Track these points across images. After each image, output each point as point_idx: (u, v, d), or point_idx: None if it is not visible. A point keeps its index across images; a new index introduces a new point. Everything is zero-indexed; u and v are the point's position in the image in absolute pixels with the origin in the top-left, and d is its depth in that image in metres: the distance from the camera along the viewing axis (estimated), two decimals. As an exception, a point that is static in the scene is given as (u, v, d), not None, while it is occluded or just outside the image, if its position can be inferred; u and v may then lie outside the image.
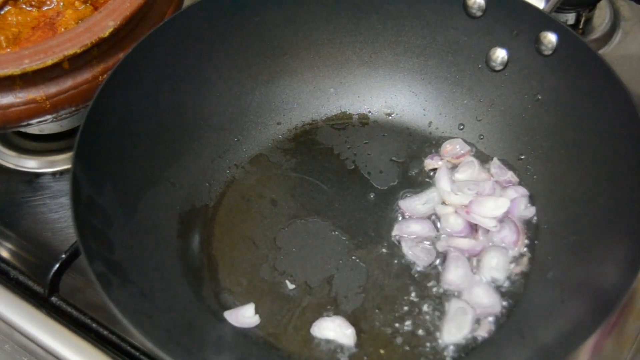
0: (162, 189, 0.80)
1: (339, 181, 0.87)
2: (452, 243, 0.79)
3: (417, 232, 0.80)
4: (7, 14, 0.88)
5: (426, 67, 0.90)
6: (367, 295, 0.77)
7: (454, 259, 0.78)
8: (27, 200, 0.91)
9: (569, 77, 0.80)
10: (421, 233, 0.80)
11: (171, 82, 0.82)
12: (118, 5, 0.82)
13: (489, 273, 0.77)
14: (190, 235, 0.81)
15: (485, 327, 0.74)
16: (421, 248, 0.79)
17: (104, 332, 0.77)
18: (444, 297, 0.77)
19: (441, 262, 0.79)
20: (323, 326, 0.74)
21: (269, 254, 0.81)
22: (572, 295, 0.71)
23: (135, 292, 0.70)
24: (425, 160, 0.87)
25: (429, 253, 0.79)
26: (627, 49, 1.05)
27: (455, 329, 0.74)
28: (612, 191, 0.74)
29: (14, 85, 0.78)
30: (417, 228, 0.81)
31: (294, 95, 0.91)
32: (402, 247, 0.80)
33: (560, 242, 0.77)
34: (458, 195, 0.82)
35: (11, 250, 0.86)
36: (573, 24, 1.04)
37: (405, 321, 0.75)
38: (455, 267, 0.77)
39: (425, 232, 0.80)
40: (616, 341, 0.78)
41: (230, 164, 0.87)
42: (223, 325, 0.75)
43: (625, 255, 0.68)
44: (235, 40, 0.86)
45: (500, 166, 0.85)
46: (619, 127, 0.75)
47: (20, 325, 0.76)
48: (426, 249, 0.79)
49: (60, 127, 0.94)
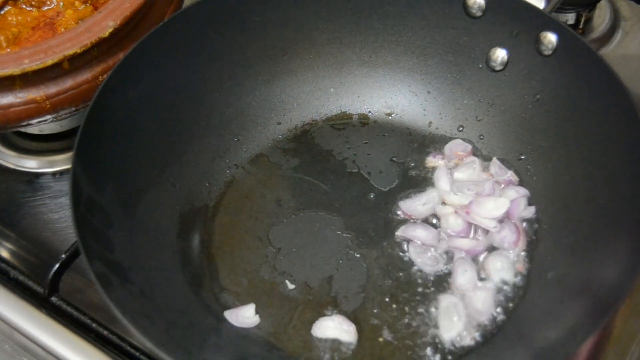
0: (162, 189, 0.80)
1: (339, 181, 0.87)
2: (452, 244, 0.79)
3: (422, 238, 0.80)
4: (7, 14, 0.88)
5: (426, 67, 0.90)
6: (367, 295, 0.77)
7: (461, 263, 0.78)
8: (27, 200, 0.91)
9: (569, 77, 0.80)
10: (425, 239, 0.80)
11: (171, 82, 0.82)
12: (118, 5, 0.82)
13: (497, 275, 0.77)
14: (190, 235, 0.81)
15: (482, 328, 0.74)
16: (430, 255, 0.79)
17: (104, 332, 0.77)
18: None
19: (443, 263, 0.79)
20: (323, 325, 0.74)
21: (269, 254, 0.81)
22: (572, 295, 0.71)
23: (135, 292, 0.70)
24: (427, 158, 0.87)
25: (437, 260, 0.79)
26: (627, 49, 1.05)
27: (450, 325, 0.74)
28: (612, 191, 0.74)
29: (14, 85, 0.78)
30: (422, 234, 0.80)
31: (294, 95, 0.91)
32: (411, 253, 0.79)
33: (560, 242, 0.77)
34: (458, 196, 0.82)
35: (11, 250, 0.86)
36: (573, 24, 1.04)
37: (406, 321, 0.75)
38: (463, 270, 0.77)
39: (429, 239, 0.80)
40: (616, 341, 0.78)
41: (230, 164, 0.87)
42: (223, 325, 0.75)
43: (625, 255, 0.68)
44: (235, 40, 0.86)
45: (501, 166, 0.85)
46: (619, 127, 0.75)
47: (20, 325, 0.76)
48: (434, 257, 0.79)
49: (60, 127, 0.94)
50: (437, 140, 0.89)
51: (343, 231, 0.82)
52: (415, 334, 0.74)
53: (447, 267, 0.79)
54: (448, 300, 0.76)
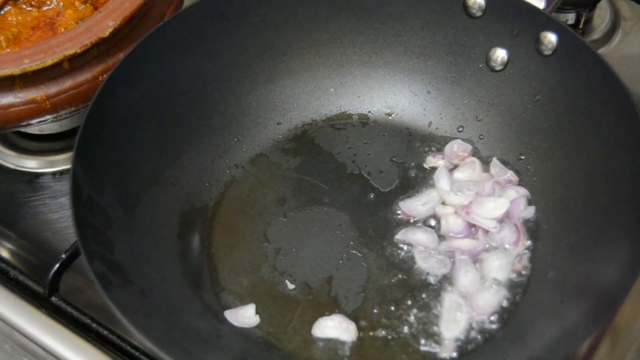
0: (162, 189, 0.80)
1: (339, 181, 0.87)
2: (453, 244, 0.79)
3: (422, 241, 0.80)
4: (7, 14, 0.88)
5: (426, 67, 0.90)
6: (367, 295, 0.77)
7: (463, 264, 0.78)
8: (27, 200, 0.91)
9: (569, 77, 0.80)
10: (425, 242, 0.80)
11: (171, 82, 0.82)
12: (118, 5, 0.82)
13: (498, 275, 0.77)
14: (190, 235, 0.81)
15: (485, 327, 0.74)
16: (435, 259, 0.79)
17: (104, 332, 0.77)
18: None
19: (449, 267, 0.79)
20: (323, 325, 0.74)
21: (269, 254, 0.81)
22: (572, 295, 0.71)
23: (135, 292, 0.70)
24: (427, 158, 0.87)
25: (444, 263, 0.78)
26: (627, 49, 1.05)
27: (452, 324, 0.74)
28: (612, 191, 0.74)
29: (14, 85, 0.78)
30: (422, 237, 0.80)
31: (294, 95, 0.91)
32: (417, 259, 0.79)
33: (560, 242, 0.77)
34: (458, 196, 0.82)
35: (11, 250, 0.86)
36: (573, 24, 1.04)
37: (406, 320, 0.75)
38: (465, 271, 0.77)
39: (429, 241, 0.80)
40: (616, 341, 0.78)
41: (230, 164, 0.87)
42: (223, 325, 0.75)
43: (625, 255, 0.68)
44: (235, 40, 0.86)
45: (501, 166, 0.85)
46: (619, 127, 0.75)
47: (20, 325, 0.76)
48: (440, 260, 0.79)
49: (60, 127, 0.94)
50: (437, 140, 0.89)
51: (343, 231, 0.82)
52: (417, 333, 0.74)
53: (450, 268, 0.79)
54: (451, 299, 0.76)
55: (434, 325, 0.75)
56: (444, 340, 0.74)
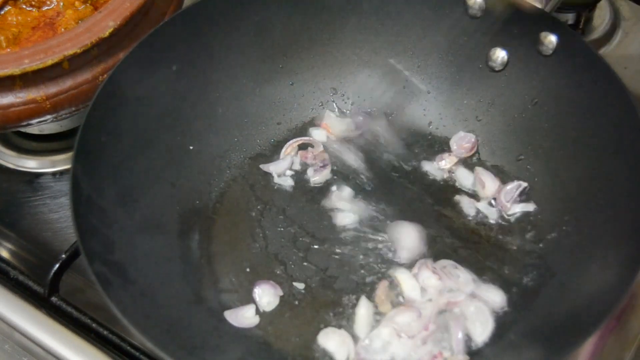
0: (162, 189, 0.80)
1: (339, 181, 0.86)
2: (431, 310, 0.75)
3: (405, 324, 0.74)
4: (7, 14, 0.88)
5: (426, 67, 0.90)
6: (368, 295, 0.77)
7: (454, 324, 0.74)
8: (27, 200, 0.91)
9: (569, 77, 0.80)
10: (409, 324, 0.74)
11: (171, 82, 0.82)
12: (118, 5, 0.82)
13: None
14: (190, 235, 0.81)
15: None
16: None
17: (104, 332, 0.77)
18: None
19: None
20: (330, 336, 0.74)
21: (269, 254, 0.80)
22: (572, 295, 0.71)
23: (135, 292, 0.70)
24: (438, 163, 0.87)
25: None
26: (627, 49, 1.05)
27: (481, 328, 0.74)
28: (612, 191, 0.74)
29: (14, 85, 0.78)
30: (405, 319, 0.75)
31: (294, 95, 0.91)
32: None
33: (561, 242, 0.77)
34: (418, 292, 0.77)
35: (11, 250, 0.86)
36: (573, 24, 1.04)
37: (407, 319, 0.75)
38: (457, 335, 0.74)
39: (413, 321, 0.75)
40: (617, 341, 0.78)
41: (230, 164, 0.87)
42: (223, 325, 0.75)
43: (625, 255, 0.68)
44: (235, 40, 0.86)
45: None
46: (619, 127, 0.75)
47: (20, 325, 0.76)
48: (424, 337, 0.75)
49: (60, 127, 0.94)
50: (438, 140, 0.89)
51: (343, 231, 0.82)
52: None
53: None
54: (473, 305, 0.75)
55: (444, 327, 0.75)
56: (478, 344, 0.73)
